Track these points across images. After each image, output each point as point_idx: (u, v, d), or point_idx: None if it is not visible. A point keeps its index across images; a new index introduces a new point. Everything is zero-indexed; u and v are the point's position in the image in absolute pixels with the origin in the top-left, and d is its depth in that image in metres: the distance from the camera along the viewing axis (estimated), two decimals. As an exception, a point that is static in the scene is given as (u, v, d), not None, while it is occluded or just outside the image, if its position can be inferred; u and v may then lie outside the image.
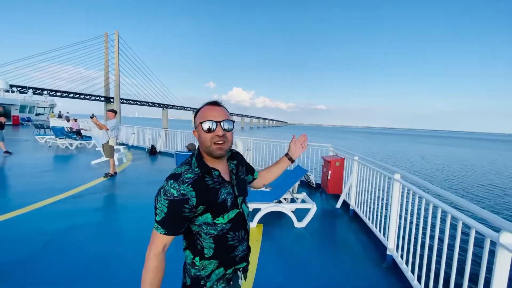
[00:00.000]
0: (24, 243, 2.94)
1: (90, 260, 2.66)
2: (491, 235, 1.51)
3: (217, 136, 0.97)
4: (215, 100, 1.04)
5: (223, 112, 1.01)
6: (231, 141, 1.03)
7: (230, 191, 1.04)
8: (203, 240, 1.02)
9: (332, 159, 5.02)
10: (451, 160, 24.99)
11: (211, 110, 1.00)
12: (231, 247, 1.05)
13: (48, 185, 5.18)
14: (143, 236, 3.26)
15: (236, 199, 1.06)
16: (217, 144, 0.98)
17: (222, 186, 1.01)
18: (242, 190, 1.10)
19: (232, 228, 1.04)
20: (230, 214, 1.03)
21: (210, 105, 1.02)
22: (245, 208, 1.12)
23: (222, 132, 0.97)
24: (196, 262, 1.05)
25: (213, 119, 0.97)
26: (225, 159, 1.09)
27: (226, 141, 0.99)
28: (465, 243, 1.75)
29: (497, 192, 11.93)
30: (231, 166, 1.10)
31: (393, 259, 2.78)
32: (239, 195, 1.07)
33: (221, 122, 0.97)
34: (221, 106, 1.03)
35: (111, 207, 4.43)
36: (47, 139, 11.69)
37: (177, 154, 5.03)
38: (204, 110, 1.01)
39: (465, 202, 1.78)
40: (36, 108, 34.27)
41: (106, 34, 58.20)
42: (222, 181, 1.02)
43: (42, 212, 3.84)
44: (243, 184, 1.14)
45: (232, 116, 1.06)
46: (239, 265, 1.12)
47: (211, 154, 1.00)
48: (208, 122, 0.97)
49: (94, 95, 58.90)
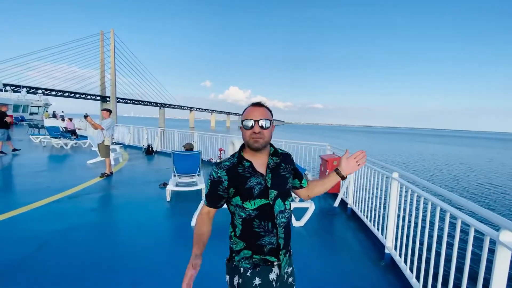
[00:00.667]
0: (20, 244, 2.89)
1: (87, 261, 2.63)
2: (490, 233, 1.52)
3: (254, 133, 1.14)
4: (258, 101, 1.21)
5: (262, 112, 1.16)
6: (268, 137, 1.17)
7: (260, 181, 1.16)
8: (236, 220, 1.22)
9: (330, 158, 5.02)
10: (451, 159, 25.09)
11: (252, 110, 1.17)
12: (256, 235, 1.16)
13: (44, 186, 5.12)
14: (140, 236, 3.24)
15: (267, 191, 1.16)
16: (254, 139, 1.14)
17: (253, 175, 1.16)
18: (276, 185, 1.19)
19: (258, 216, 1.16)
20: (257, 202, 1.15)
21: (253, 106, 1.19)
22: (280, 203, 1.19)
23: (259, 129, 1.14)
24: (232, 236, 1.25)
25: (252, 118, 1.14)
26: (264, 153, 1.22)
27: (262, 137, 1.15)
28: (464, 241, 1.76)
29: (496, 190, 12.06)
30: (269, 161, 1.21)
31: (392, 258, 2.79)
32: (271, 188, 1.17)
33: (258, 121, 1.14)
34: (262, 107, 1.18)
35: (107, 207, 4.39)
36: (41, 138, 11.54)
37: (174, 153, 4.98)
38: (247, 110, 1.18)
39: (464, 200, 1.78)
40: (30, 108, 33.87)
41: (101, 32, 57.27)
42: (253, 172, 1.17)
43: (37, 213, 3.79)
44: (280, 180, 1.21)
45: (270, 116, 1.20)
46: (269, 257, 1.19)
47: (250, 147, 1.18)
48: (248, 121, 1.14)
49: (90, 94, 58.01)
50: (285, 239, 1.20)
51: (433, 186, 2.21)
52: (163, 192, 4.88)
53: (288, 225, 1.24)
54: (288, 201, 1.24)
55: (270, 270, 1.19)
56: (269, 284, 1.19)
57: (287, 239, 1.22)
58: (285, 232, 1.20)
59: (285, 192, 1.22)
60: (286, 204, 1.22)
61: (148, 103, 69.02)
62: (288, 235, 1.23)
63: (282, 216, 1.19)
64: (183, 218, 3.80)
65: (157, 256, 2.79)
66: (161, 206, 4.37)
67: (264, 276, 1.18)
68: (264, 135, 1.15)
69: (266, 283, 1.18)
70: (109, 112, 6.13)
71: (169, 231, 3.52)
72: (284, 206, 1.21)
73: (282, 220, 1.19)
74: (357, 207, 4.14)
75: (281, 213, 1.19)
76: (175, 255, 2.83)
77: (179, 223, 3.70)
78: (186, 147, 5.56)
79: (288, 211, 1.23)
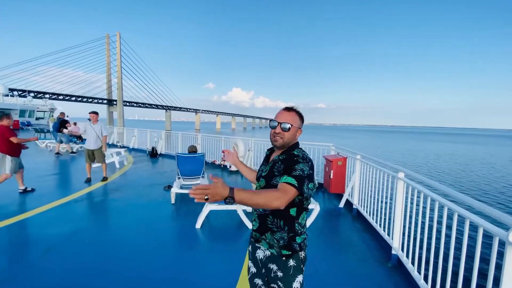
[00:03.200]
0: (27, 248, 2.93)
1: (93, 264, 2.64)
2: (500, 233, 1.49)
3: (275, 133, 1.33)
4: (289, 106, 1.37)
5: (286, 116, 1.32)
6: (288, 138, 1.32)
7: (262, 169, 1.42)
8: None
9: (334, 158, 4.99)
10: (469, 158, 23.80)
11: (280, 113, 1.35)
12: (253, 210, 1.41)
13: (49, 190, 5.18)
14: (146, 238, 3.25)
15: (260, 178, 1.39)
16: (274, 137, 1.33)
17: (264, 164, 1.44)
18: (267, 177, 1.34)
19: None
20: (256, 184, 1.43)
21: (283, 110, 1.36)
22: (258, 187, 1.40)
23: (279, 130, 1.31)
24: None
25: (277, 120, 1.33)
26: (281, 150, 1.37)
27: (282, 137, 1.31)
28: (473, 242, 1.72)
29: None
30: (275, 157, 1.37)
31: (398, 258, 2.76)
32: (263, 177, 1.36)
33: (281, 123, 1.31)
34: (291, 111, 1.34)
35: (112, 210, 4.41)
36: (47, 143, 11.67)
37: (179, 156, 5.00)
38: (277, 113, 1.36)
39: (473, 200, 1.75)
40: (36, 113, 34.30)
41: (107, 35, 56.60)
42: (265, 161, 1.45)
43: (44, 217, 3.83)
44: (271, 174, 1.32)
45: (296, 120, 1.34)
46: (253, 233, 1.41)
47: (272, 144, 1.39)
48: (273, 122, 1.34)
49: (97, 98, 57.51)
50: (260, 226, 1.35)
51: (440, 186, 2.17)
52: (168, 195, 4.90)
53: (265, 217, 1.32)
54: None
55: (257, 247, 1.39)
56: (255, 260, 1.40)
57: (262, 227, 1.34)
58: (260, 219, 1.35)
59: (270, 186, 1.30)
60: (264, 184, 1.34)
61: (154, 106, 68.80)
62: (263, 224, 1.33)
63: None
64: (188, 220, 3.80)
65: (163, 258, 2.79)
66: (166, 209, 4.38)
67: (253, 251, 1.42)
68: (283, 136, 1.31)
69: (254, 259, 1.41)
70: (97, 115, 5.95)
71: (174, 233, 3.52)
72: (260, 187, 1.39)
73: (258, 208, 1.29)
74: (363, 207, 4.11)
75: None
76: (180, 257, 2.84)
77: (184, 225, 3.70)
78: (190, 149, 5.58)
79: None
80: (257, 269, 1.39)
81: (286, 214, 1.29)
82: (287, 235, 1.28)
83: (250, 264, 1.45)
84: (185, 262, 2.73)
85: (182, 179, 4.97)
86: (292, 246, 1.28)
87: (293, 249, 1.28)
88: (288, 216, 1.29)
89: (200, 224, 3.60)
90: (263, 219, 1.33)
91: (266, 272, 1.33)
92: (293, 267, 1.28)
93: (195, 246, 3.10)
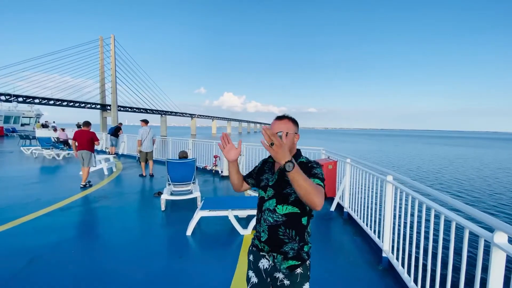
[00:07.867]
0: (9, 260, 2.80)
1: (79, 274, 2.55)
2: (485, 235, 1.52)
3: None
4: (281, 115, 1.35)
5: (278, 125, 1.30)
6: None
7: (268, 178, 1.36)
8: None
9: (325, 162, 5.03)
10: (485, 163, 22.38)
11: (272, 125, 1.33)
12: (258, 220, 1.37)
13: (34, 198, 5.00)
14: (135, 247, 3.17)
15: (267, 187, 1.33)
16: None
17: (269, 172, 1.38)
18: (276, 186, 1.30)
19: (259, 205, 1.38)
20: (261, 193, 1.37)
21: (275, 119, 1.35)
22: (272, 203, 1.29)
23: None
24: None
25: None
26: None
27: None
28: (460, 243, 1.75)
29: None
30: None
31: (389, 261, 2.78)
32: (271, 186, 1.32)
33: (277, 132, 1.26)
34: (283, 119, 1.33)
35: (100, 218, 4.29)
36: (33, 150, 11.34)
37: (168, 162, 4.93)
38: (271, 124, 1.37)
39: (457, 202, 1.78)
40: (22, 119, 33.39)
41: (101, 38, 54.75)
42: (271, 169, 1.39)
43: (27, 227, 3.68)
44: (283, 183, 1.28)
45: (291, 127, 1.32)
46: (258, 243, 1.35)
47: None
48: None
49: (90, 103, 55.18)
50: (270, 238, 1.28)
51: (425, 188, 2.21)
52: (158, 202, 4.81)
53: (276, 228, 1.26)
54: (283, 206, 1.26)
55: (261, 256, 1.35)
56: (258, 270, 1.35)
57: (273, 239, 1.27)
58: (269, 230, 1.28)
59: (283, 195, 1.27)
60: (278, 208, 1.26)
61: (150, 111, 66.81)
62: (274, 237, 1.27)
63: (268, 214, 1.29)
64: (178, 227, 3.74)
65: (152, 267, 2.72)
66: (156, 216, 4.30)
67: (255, 261, 1.37)
68: None
69: (256, 269, 1.36)
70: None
71: (164, 241, 3.45)
72: (274, 207, 1.28)
73: (269, 218, 1.28)
74: (354, 211, 4.13)
75: (269, 211, 1.29)
76: (170, 266, 2.77)
77: (174, 233, 3.64)
78: (180, 155, 5.51)
79: (278, 215, 1.26)
80: (260, 279, 1.35)
81: (298, 224, 1.27)
82: (297, 245, 1.27)
83: (251, 274, 1.39)
84: (175, 271, 2.67)
85: (172, 185, 4.90)
86: (301, 256, 1.28)
87: (302, 259, 1.28)
88: (300, 225, 1.28)
89: (191, 231, 3.54)
90: (274, 230, 1.27)
91: (272, 282, 1.31)
92: (300, 274, 1.28)
93: (185, 255, 3.04)
